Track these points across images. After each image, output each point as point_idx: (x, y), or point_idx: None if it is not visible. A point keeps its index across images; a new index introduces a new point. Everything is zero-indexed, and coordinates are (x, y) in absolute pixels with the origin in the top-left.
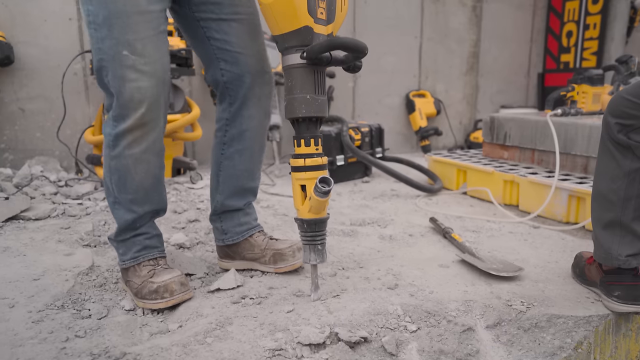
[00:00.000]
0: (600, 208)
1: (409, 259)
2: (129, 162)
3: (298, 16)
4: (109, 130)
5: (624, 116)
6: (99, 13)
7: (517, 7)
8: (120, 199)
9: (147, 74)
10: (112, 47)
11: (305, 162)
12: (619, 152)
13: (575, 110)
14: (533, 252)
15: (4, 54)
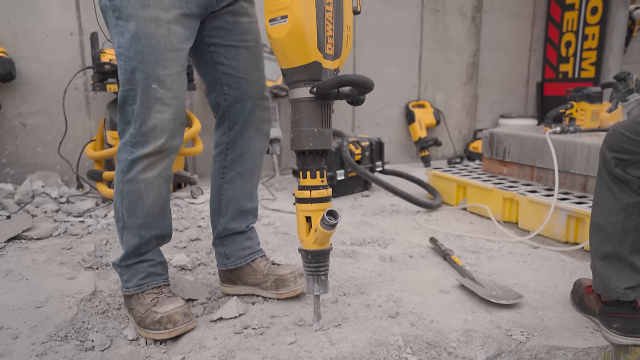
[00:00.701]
0: (599, 240)
1: (409, 283)
2: (141, 187)
3: (308, 52)
4: (125, 156)
5: (620, 151)
6: (131, 46)
7: (516, 17)
8: (129, 223)
9: (172, 106)
10: (142, 79)
11: (312, 194)
12: (616, 186)
13: (574, 128)
14: (532, 275)
15: (5, 70)
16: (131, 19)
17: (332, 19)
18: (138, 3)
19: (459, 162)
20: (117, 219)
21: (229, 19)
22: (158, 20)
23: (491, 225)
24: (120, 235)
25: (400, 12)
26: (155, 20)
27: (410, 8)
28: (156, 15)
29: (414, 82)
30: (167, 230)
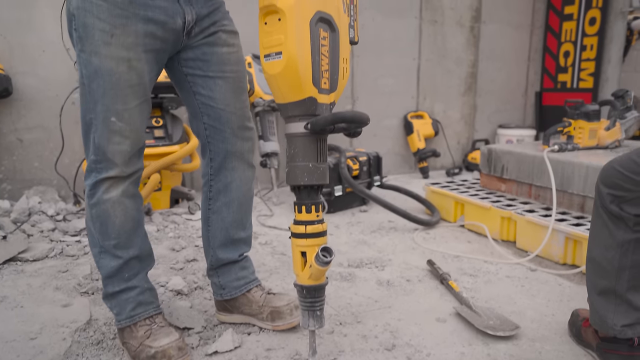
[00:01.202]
0: (595, 275)
1: (406, 310)
2: (107, 207)
3: (303, 88)
4: (89, 182)
5: (616, 187)
6: (93, 80)
7: (515, 27)
8: (105, 246)
9: (130, 138)
10: (102, 112)
11: (307, 230)
12: (612, 222)
13: (572, 146)
14: (530, 301)
15: (2, 87)
16: (94, 54)
17: (327, 53)
18: (101, 40)
19: (457, 172)
20: (92, 245)
21: (205, 50)
22: (119, 58)
23: (489, 244)
24: (97, 260)
25: (398, 23)
26: (117, 58)
27: (408, 19)
28: (117, 54)
29: (413, 92)
30: (145, 250)
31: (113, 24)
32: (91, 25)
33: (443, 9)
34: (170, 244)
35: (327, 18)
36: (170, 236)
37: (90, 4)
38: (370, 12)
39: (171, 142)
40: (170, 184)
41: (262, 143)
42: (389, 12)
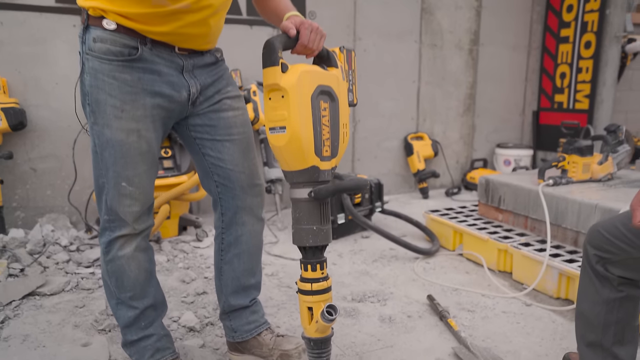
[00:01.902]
0: (583, 327)
1: (407, 350)
2: (122, 262)
3: (306, 158)
4: (103, 240)
5: (601, 249)
6: (105, 149)
7: (513, 48)
8: (122, 298)
9: (140, 200)
10: (114, 177)
11: (312, 287)
12: (598, 281)
13: (566, 180)
14: (524, 340)
15: (17, 120)
16: (106, 127)
17: (328, 122)
18: (112, 114)
19: (456, 192)
20: (109, 296)
21: (212, 116)
22: (130, 130)
23: (486, 275)
24: (115, 312)
25: (399, 47)
26: (127, 130)
27: (408, 43)
28: (128, 126)
29: (413, 114)
30: (158, 298)
31: (123, 100)
32: (103, 102)
33: (442, 33)
34: (180, 275)
35: (327, 90)
36: (180, 267)
37: (102, 82)
38: (372, 37)
39: (180, 172)
40: (178, 212)
41: (267, 170)
42: (390, 36)
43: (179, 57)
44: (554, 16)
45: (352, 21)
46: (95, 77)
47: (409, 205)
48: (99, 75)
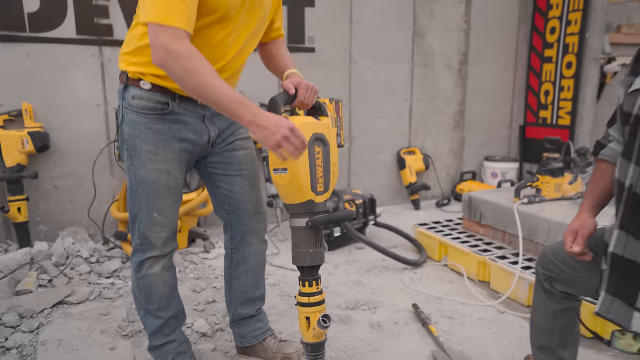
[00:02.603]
0: (535, 332)
1: (393, 353)
2: (151, 279)
3: (303, 193)
4: (135, 259)
5: (547, 269)
6: (140, 186)
7: (500, 67)
8: (149, 309)
9: (167, 227)
10: (146, 209)
11: (310, 300)
12: (546, 295)
13: (540, 198)
14: (495, 344)
15: (42, 143)
16: (141, 168)
17: (321, 163)
18: (147, 158)
19: (446, 203)
20: (138, 307)
21: (226, 154)
22: (161, 170)
23: (467, 285)
24: (143, 321)
25: (392, 68)
26: (159, 170)
27: (401, 64)
28: (159, 167)
29: (405, 130)
30: (179, 309)
31: (156, 146)
32: (139, 147)
33: (433, 54)
34: (191, 285)
35: (320, 136)
36: (191, 277)
37: (139, 131)
38: (367, 59)
39: (189, 189)
40: (187, 226)
41: (269, 185)
42: (383, 58)
43: (201, 107)
44: (539, 37)
45: (348, 45)
46: (133, 127)
47: (401, 217)
48: (136, 126)
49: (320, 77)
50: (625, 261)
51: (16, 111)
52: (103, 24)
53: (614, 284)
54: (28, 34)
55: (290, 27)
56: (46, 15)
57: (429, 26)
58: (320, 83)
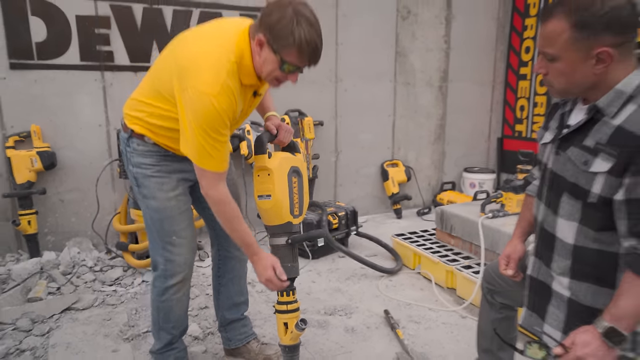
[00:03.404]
0: (480, 337)
1: (363, 355)
2: (173, 304)
3: (283, 217)
4: (159, 284)
5: (489, 283)
6: (154, 214)
7: (478, 84)
8: (165, 327)
9: (187, 247)
10: (166, 235)
11: (287, 307)
12: (488, 305)
13: (503, 213)
14: (454, 347)
15: (50, 162)
16: (152, 198)
17: (297, 191)
18: (156, 189)
19: (427, 212)
20: (154, 322)
21: None
22: (169, 197)
23: (436, 293)
24: (157, 335)
25: (376, 86)
26: (167, 198)
27: (384, 83)
28: (167, 195)
29: (388, 144)
30: (186, 325)
31: (161, 177)
32: (148, 182)
33: (415, 73)
34: None
35: (296, 169)
36: None
37: (145, 169)
38: (352, 78)
39: None
40: None
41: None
42: (368, 78)
43: None
44: (515, 55)
45: (334, 65)
46: (140, 167)
47: (384, 225)
48: (142, 165)
49: (308, 96)
50: (539, 282)
51: (26, 132)
52: (104, 51)
53: (531, 301)
54: (36, 61)
55: None
56: (52, 43)
57: (411, 47)
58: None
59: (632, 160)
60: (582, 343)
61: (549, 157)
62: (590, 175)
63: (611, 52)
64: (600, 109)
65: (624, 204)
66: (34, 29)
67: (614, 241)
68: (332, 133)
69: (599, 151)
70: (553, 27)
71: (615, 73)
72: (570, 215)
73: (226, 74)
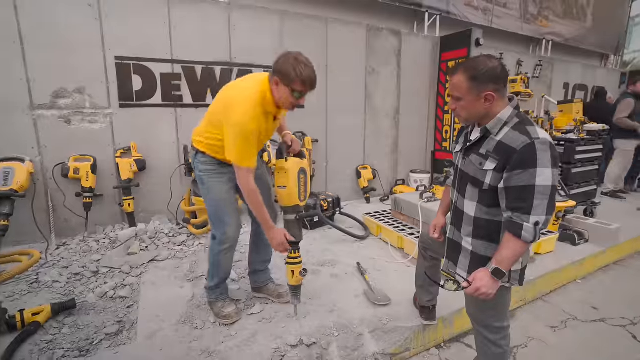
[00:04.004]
0: (417, 278)
1: (342, 291)
2: (222, 259)
3: (293, 200)
4: (216, 248)
5: (424, 242)
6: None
7: (419, 116)
8: (217, 273)
9: (234, 225)
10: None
11: (294, 261)
12: (422, 257)
13: (434, 199)
14: (401, 286)
15: (142, 166)
16: (213, 192)
17: (303, 184)
18: (215, 186)
19: (386, 199)
20: (211, 270)
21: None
22: (223, 191)
23: (391, 251)
24: (211, 279)
25: (352, 118)
26: (223, 191)
27: (358, 115)
28: (223, 189)
29: (361, 154)
30: (229, 273)
31: (219, 178)
32: (209, 181)
33: (378, 108)
34: None
35: (303, 169)
36: None
37: (207, 174)
38: (337, 111)
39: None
40: None
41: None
42: (347, 111)
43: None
44: (441, 98)
45: (325, 103)
46: (205, 172)
47: (359, 208)
48: (205, 171)
49: (308, 122)
50: (453, 242)
51: (127, 147)
52: (177, 95)
53: (449, 253)
54: (135, 102)
55: None
56: (145, 91)
57: (375, 91)
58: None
59: (507, 162)
60: (479, 278)
61: (459, 160)
62: (484, 172)
63: (493, 94)
64: (488, 130)
65: (503, 190)
66: (135, 83)
67: (498, 214)
68: (323, 147)
69: (488, 156)
70: (457, 80)
71: (496, 108)
72: (472, 198)
73: (254, 105)
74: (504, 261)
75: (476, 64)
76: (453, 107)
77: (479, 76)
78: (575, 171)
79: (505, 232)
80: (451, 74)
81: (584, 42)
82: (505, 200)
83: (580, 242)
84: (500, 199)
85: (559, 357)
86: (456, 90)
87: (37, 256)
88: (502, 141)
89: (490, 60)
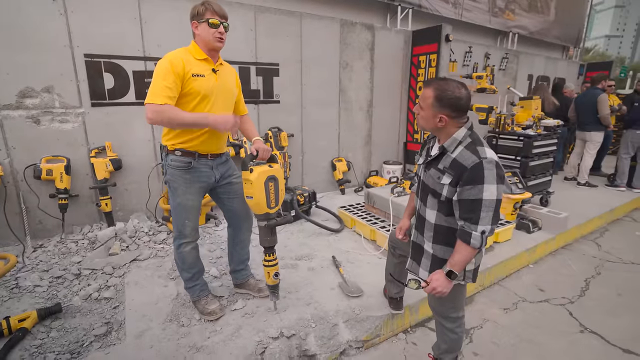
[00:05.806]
0: (386, 272)
1: (318, 284)
2: (185, 255)
3: (261, 209)
4: (175, 243)
5: (392, 241)
6: (177, 207)
7: (391, 108)
8: (183, 268)
9: (192, 227)
10: (183, 219)
11: (269, 263)
12: (391, 254)
13: (405, 193)
14: (373, 278)
15: (117, 165)
16: (177, 197)
17: (273, 191)
18: (180, 192)
19: (360, 190)
20: (178, 268)
21: (226, 187)
22: (188, 199)
23: (363, 243)
24: (181, 274)
25: (327, 110)
26: (187, 199)
27: (332, 108)
28: (188, 197)
29: (336, 147)
30: (200, 266)
31: (186, 185)
32: (176, 186)
33: (351, 102)
34: (208, 247)
35: (272, 177)
36: (207, 242)
37: (175, 177)
38: (312, 105)
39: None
40: (205, 211)
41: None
42: (322, 104)
43: (210, 160)
44: (412, 91)
45: (300, 98)
46: (173, 176)
47: (334, 199)
48: (174, 175)
49: (283, 117)
50: (417, 244)
51: (102, 147)
52: None
53: (413, 255)
54: (107, 101)
55: (264, 89)
56: (118, 89)
57: (349, 85)
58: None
59: (460, 178)
60: (435, 279)
61: (422, 172)
62: (441, 185)
63: (446, 119)
64: (445, 148)
65: (457, 202)
66: (106, 81)
67: (454, 222)
68: (299, 141)
69: (445, 172)
70: (427, 92)
71: (451, 128)
72: (432, 206)
73: (173, 52)
74: (457, 264)
75: (446, 87)
76: (416, 112)
77: (443, 99)
78: (532, 164)
79: (457, 239)
80: (426, 85)
81: (548, 35)
82: (459, 211)
83: (534, 230)
84: (455, 210)
85: (508, 335)
86: (422, 100)
87: (14, 260)
88: (457, 159)
89: (459, 89)
